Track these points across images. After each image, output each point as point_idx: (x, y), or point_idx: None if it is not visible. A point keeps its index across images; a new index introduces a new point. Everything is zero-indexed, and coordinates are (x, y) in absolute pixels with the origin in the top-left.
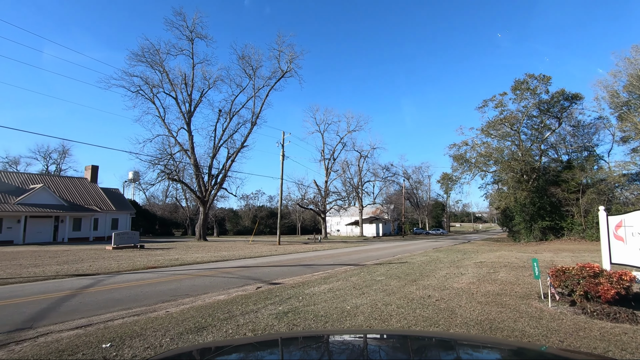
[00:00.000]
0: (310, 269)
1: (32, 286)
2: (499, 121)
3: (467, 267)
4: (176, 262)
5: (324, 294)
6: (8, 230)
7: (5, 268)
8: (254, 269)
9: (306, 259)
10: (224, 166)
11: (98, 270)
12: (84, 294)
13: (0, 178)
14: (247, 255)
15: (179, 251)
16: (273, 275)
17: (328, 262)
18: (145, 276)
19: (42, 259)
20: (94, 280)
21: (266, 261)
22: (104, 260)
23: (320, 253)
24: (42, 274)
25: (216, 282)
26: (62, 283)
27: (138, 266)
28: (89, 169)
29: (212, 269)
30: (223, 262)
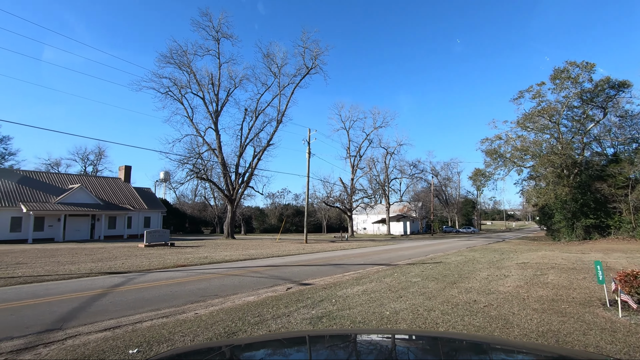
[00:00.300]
0: (340, 268)
1: (66, 284)
2: (536, 113)
3: (509, 269)
4: (205, 261)
5: (358, 297)
6: (50, 228)
7: (44, 265)
8: (283, 268)
9: (335, 258)
10: (251, 164)
11: (130, 268)
12: (114, 292)
13: (42, 179)
14: (275, 253)
15: (207, 249)
16: (303, 275)
17: (358, 262)
18: (175, 275)
19: (78, 256)
20: (125, 278)
21: (294, 260)
22: (136, 258)
23: (349, 252)
24: (77, 272)
25: (245, 281)
26: (95, 281)
27: (168, 264)
28: (122, 169)
29: (241, 268)
30: (251, 260)
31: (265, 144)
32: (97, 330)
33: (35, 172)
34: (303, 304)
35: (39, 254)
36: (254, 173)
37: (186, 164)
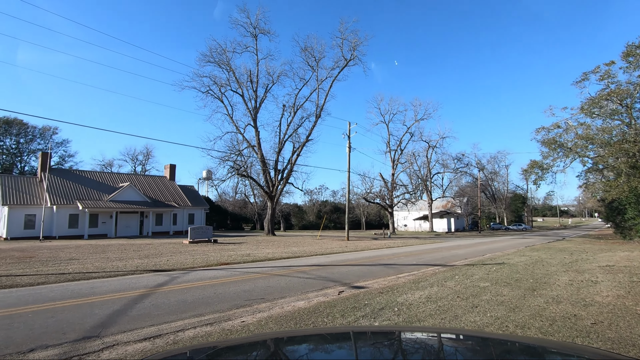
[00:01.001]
0: (392, 269)
1: (111, 282)
2: (604, 96)
3: (593, 273)
4: (248, 259)
5: (423, 305)
6: (103, 225)
7: (94, 261)
8: (329, 268)
9: (383, 257)
10: (290, 160)
11: (174, 266)
12: (157, 293)
13: (95, 178)
14: (318, 251)
15: (249, 246)
16: (353, 277)
17: (409, 262)
18: (218, 274)
19: (126, 253)
20: (168, 277)
21: (340, 259)
22: (180, 254)
23: (396, 250)
24: (124, 269)
25: (292, 283)
26: (139, 280)
27: (211, 262)
28: (167, 167)
29: (285, 267)
30: (295, 259)
31: (304, 139)
32: (137, 339)
33: (89, 171)
34: (362, 313)
35: (91, 250)
36: (293, 169)
37: (227, 161)
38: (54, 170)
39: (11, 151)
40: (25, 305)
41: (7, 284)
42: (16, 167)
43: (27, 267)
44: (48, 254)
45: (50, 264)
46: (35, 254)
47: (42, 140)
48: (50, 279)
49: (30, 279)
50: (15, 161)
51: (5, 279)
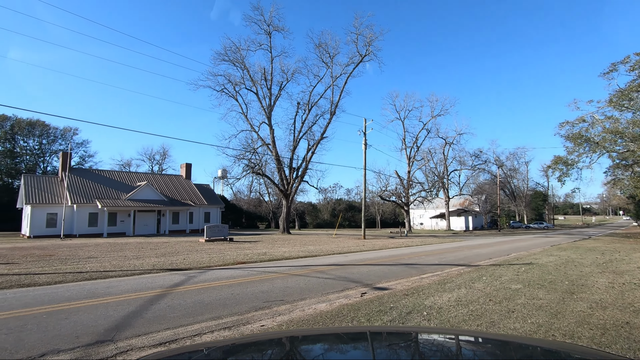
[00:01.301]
0: (414, 269)
1: (127, 282)
2: (634, 88)
3: (634, 274)
4: (265, 258)
5: (454, 309)
6: (121, 223)
7: (112, 260)
8: (349, 267)
9: (402, 256)
10: (305, 158)
11: (190, 265)
12: (173, 294)
13: (113, 177)
14: (336, 250)
15: (265, 245)
16: (374, 277)
17: (431, 261)
18: (235, 273)
19: (144, 251)
20: (185, 276)
21: (359, 258)
22: (197, 253)
23: (415, 249)
24: (140, 267)
25: (311, 283)
26: (155, 279)
27: (228, 261)
28: (183, 166)
29: (303, 267)
30: (312, 258)
31: (319, 137)
32: (152, 344)
33: (108, 171)
34: (388, 317)
35: (110, 248)
36: (308, 167)
37: (242, 159)
38: (74, 169)
39: (34, 152)
40: (40, 305)
41: (26, 282)
42: (39, 168)
43: (46, 266)
44: (67, 252)
45: (69, 263)
46: (55, 252)
47: (63, 141)
48: (68, 277)
49: (48, 277)
50: (38, 162)
51: (25, 278)
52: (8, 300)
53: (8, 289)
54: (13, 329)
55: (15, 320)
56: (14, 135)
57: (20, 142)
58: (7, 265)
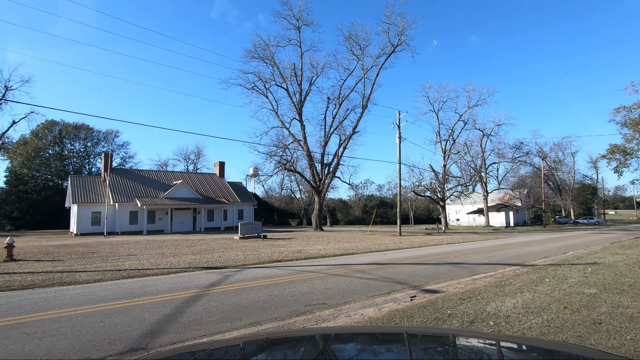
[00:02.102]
0: (462, 269)
1: (164, 281)
2: None
3: None
4: (300, 255)
5: (524, 318)
6: (160, 221)
7: (150, 257)
8: (391, 267)
9: (446, 254)
10: (336, 154)
11: (226, 263)
12: (209, 295)
13: (151, 176)
14: (373, 248)
15: (299, 242)
16: (421, 278)
17: (479, 260)
18: (272, 273)
19: (180, 248)
20: (221, 275)
21: (399, 257)
22: (232, 250)
23: (458, 247)
24: (177, 265)
25: (353, 284)
26: (191, 278)
27: (263, 259)
28: (217, 165)
29: (342, 266)
30: (349, 256)
31: (351, 131)
32: None
33: (146, 170)
34: (449, 327)
35: (148, 246)
36: (340, 163)
37: (274, 156)
38: (115, 170)
39: (80, 154)
40: (77, 305)
41: (67, 280)
42: (85, 169)
43: (88, 263)
44: (109, 249)
45: (109, 260)
46: (97, 249)
47: (106, 143)
48: (107, 275)
49: (88, 275)
50: (84, 163)
51: (66, 276)
52: (47, 299)
53: (50, 287)
54: (47, 333)
55: (51, 323)
56: (62, 139)
57: (67, 146)
58: (52, 262)
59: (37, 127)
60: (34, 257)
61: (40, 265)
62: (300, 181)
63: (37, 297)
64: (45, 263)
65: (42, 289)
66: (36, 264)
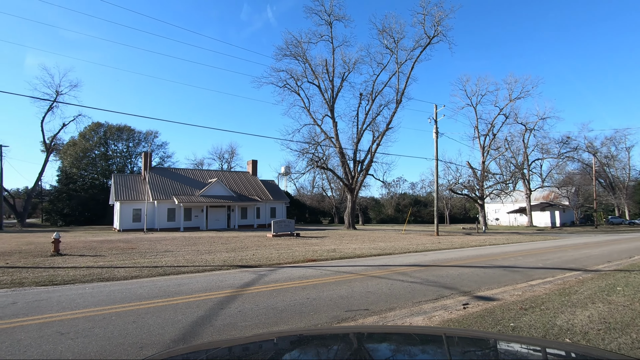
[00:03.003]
0: (515, 273)
1: (198, 279)
2: None
3: None
4: (335, 255)
5: (607, 336)
6: (196, 218)
7: (186, 254)
8: (434, 269)
9: (492, 256)
10: (370, 150)
11: (260, 262)
12: (243, 296)
13: (188, 175)
14: (411, 248)
15: (333, 240)
16: (470, 282)
17: (531, 264)
18: (307, 273)
19: (215, 245)
20: (255, 275)
21: (441, 258)
22: (265, 248)
23: (504, 248)
24: (212, 263)
25: (395, 288)
26: (226, 277)
27: (297, 258)
28: (250, 163)
29: (380, 267)
30: (387, 256)
31: (384, 127)
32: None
33: (182, 169)
34: None
35: (184, 242)
36: (373, 160)
37: (306, 153)
38: (154, 168)
39: (123, 154)
40: (112, 304)
41: (106, 276)
42: (127, 168)
43: (127, 259)
44: (148, 245)
45: (147, 256)
46: (137, 245)
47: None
48: (144, 272)
49: (126, 272)
50: (126, 163)
51: (106, 272)
52: (85, 296)
53: (89, 282)
54: (80, 333)
55: (85, 322)
56: (106, 140)
57: (111, 146)
58: (94, 257)
59: (85, 129)
60: (78, 252)
61: (83, 260)
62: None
63: (76, 293)
64: (88, 258)
65: (82, 285)
66: (79, 258)
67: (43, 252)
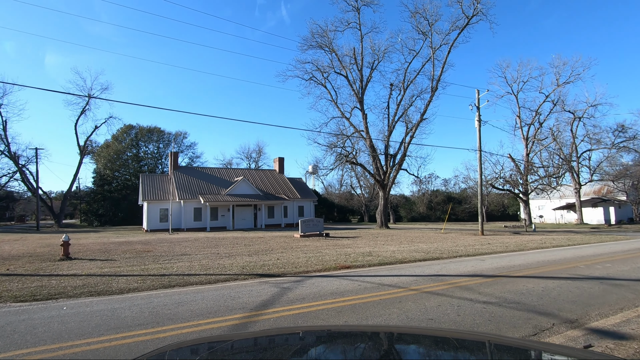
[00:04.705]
0: (620, 288)
1: (206, 294)
2: None
3: None
4: (372, 260)
5: None
6: (222, 218)
7: (202, 258)
8: (505, 282)
9: (571, 262)
10: (402, 143)
11: (284, 268)
12: (258, 324)
13: (214, 174)
14: (459, 251)
15: (366, 241)
16: (566, 303)
17: (632, 274)
18: (342, 286)
19: (237, 247)
20: (276, 289)
21: (504, 265)
22: (292, 251)
23: (576, 252)
24: (228, 270)
25: (465, 312)
26: (240, 291)
27: (328, 264)
28: (276, 161)
29: (433, 277)
30: (434, 261)
31: (419, 118)
32: None
33: (209, 168)
34: None
35: (206, 244)
36: (407, 154)
37: (334, 147)
38: (180, 168)
39: (154, 155)
40: (76, 338)
41: (100, 289)
42: (158, 169)
43: (137, 264)
44: (166, 247)
45: (160, 260)
46: (155, 247)
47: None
48: (146, 283)
49: (127, 281)
50: (157, 164)
51: (104, 282)
52: (50, 323)
53: (76, 297)
54: None
55: None
56: (137, 142)
57: (142, 148)
58: (103, 262)
59: (117, 131)
60: (89, 256)
61: (88, 266)
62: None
63: (45, 316)
64: (96, 263)
65: (65, 301)
66: (87, 263)
67: (53, 256)
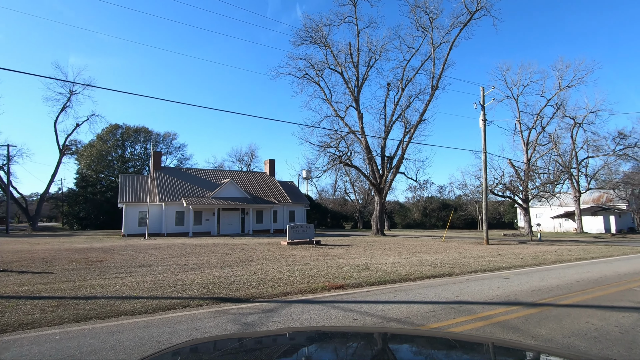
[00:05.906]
0: None
1: (125, 334)
2: None
3: None
4: (371, 276)
5: None
6: (207, 222)
7: (162, 271)
8: (558, 314)
9: (622, 282)
10: (400, 143)
11: (257, 288)
12: None
13: (200, 175)
14: (472, 264)
15: (361, 250)
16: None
17: None
18: (337, 321)
19: (212, 257)
20: (235, 325)
21: (539, 286)
22: (274, 262)
23: (611, 267)
24: (184, 291)
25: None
26: (177, 331)
27: (315, 281)
28: (267, 163)
29: (453, 305)
30: (448, 278)
31: (418, 118)
32: None
33: (194, 169)
34: None
35: (178, 252)
36: (405, 156)
37: (327, 148)
38: (163, 168)
39: (141, 156)
40: None
41: None
42: (145, 170)
43: (71, 280)
44: (126, 257)
45: (107, 274)
46: (113, 256)
47: (164, 145)
48: (56, 312)
49: (31, 309)
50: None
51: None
52: None
53: None
54: None
55: None
56: (123, 142)
57: (129, 148)
58: (34, 275)
59: (102, 131)
60: (26, 267)
61: (5, 282)
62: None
63: None
64: (24, 277)
65: None
66: (17, 277)
67: None
